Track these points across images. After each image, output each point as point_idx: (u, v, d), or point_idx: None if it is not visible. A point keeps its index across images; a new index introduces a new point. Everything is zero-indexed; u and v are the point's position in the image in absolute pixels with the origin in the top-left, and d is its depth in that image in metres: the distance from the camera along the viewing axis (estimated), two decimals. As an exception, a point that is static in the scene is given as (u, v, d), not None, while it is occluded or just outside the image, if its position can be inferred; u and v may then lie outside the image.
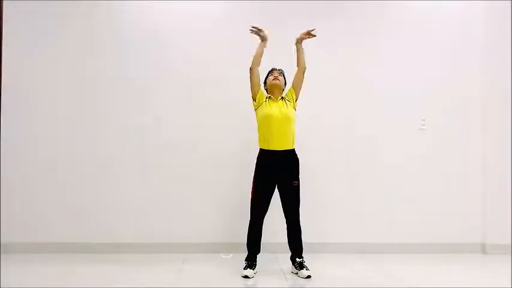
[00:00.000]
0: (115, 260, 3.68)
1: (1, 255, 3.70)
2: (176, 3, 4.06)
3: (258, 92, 3.45)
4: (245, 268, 3.31)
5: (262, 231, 3.41)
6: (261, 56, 3.44)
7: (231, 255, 3.85)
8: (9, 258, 3.65)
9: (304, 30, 3.46)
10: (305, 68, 3.49)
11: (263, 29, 3.43)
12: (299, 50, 3.48)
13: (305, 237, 3.45)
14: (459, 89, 4.19)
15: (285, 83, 3.52)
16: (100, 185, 3.96)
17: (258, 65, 3.43)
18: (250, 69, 3.43)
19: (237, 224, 3.80)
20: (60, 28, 3.97)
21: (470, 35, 4.20)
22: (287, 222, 3.41)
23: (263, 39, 3.44)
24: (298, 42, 3.48)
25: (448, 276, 3.39)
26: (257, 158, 3.41)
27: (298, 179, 3.39)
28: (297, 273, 3.34)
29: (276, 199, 3.42)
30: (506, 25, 4.13)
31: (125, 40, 4.01)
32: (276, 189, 3.42)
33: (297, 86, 3.50)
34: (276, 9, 4.10)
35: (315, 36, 3.46)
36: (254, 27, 3.41)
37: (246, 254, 3.42)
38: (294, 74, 3.50)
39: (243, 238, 3.45)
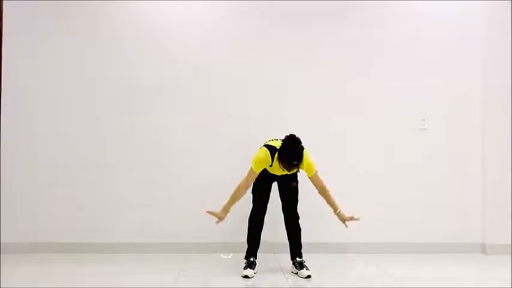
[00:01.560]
0: (115, 260, 3.68)
1: (1, 255, 3.71)
2: (177, 3, 4.05)
3: (257, 174, 3.25)
4: (245, 268, 3.31)
5: (263, 231, 3.42)
6: (235, 198, 3.24)
7: (231, 255, 3.85)
8: (9, 258, 3.65)
9: (349, 217, 3.29)
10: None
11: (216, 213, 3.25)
12: (334, 207, 3.33)
13: (305, 237, 3.45)
14: (459, 89, 4.18)
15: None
16: (100, 185, 3.95)
17: (240, 194, 3.26)
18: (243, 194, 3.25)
19: (237, 224, 3.79)
20: (61, 28, 3.97)
21: (470, 35, 4.20)
22: (286, 222, 3.42)
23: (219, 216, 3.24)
24: (340, 215, 3.31)
25: (448, 276, 3.39)
26: None
27: (296, 180, 3.41)
28: (297, 273, 3.34)
29: (276, 199, 3.42)
30: (506, 25, 4.12)
31: (125, 40, 4.01)
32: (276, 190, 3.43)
33: (312, 182, 3.31)
34: (277, 9, 4.08)
35: (358, 219, 3.28)
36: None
37: (245, 254, 3.42)
38: (318, 184, 3.30)
39: (243, 238, 3.45)
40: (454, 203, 4.14)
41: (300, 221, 3.42)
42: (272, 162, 3.21)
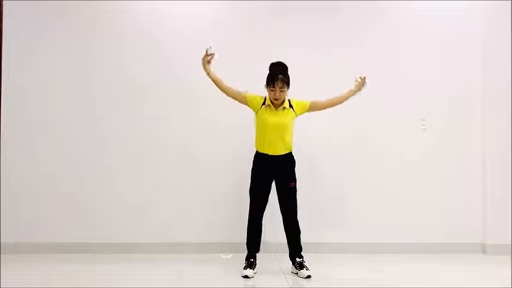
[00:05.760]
0: (115, 260, 3.68)
1: (1, 255, 3.71)
2: (178, 3, 4.05)
3: (246, 100, 3.36)
4: (245, 268, 3.32)
5: (263, 231, 3.43)
6: (216, 78, 3.35)
7: (231, 255, 3.85)
8: (9, 258, 3.65)
9: (359, 80, 3.42)
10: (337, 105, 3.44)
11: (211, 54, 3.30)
12: (349, 93, 3.42)
13: (305, 237, 3.45)
14: (459, 89, 4.19)
15: (288, 86, 3.31)
16: (100, 185, 3.95)
17: (223, 86, 3.37)
18: (222, 91, 3.38)
19: (237, 224, 3.79)
20: (61, 28, 3.97)
21: (470, 35, 4.20)
22: (285, 223, 3.42)
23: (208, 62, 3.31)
24: (355, 90, 3.42)
25: (448, 276, 3.39)
26: (254, 158, 3.43)
27: (294, 180, 3.40)
28: (297, 273, 3.34)
29: (276, 198, 3.43)
30: (506, 25, 4.13)
31: (125, 40, 4.01)
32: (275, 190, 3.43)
33: (313, 109, 3.41)
34: (274, 9, 4.08)
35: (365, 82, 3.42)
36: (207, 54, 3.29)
37: (246, 254, 3.43)
38: (321, 101, 3.42)
39: (243, 238, 3.46)
40: (454, 203, 4.14)
41: (299, 223, 3.42)
42: (264, 101, 3.32)
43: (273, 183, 3.43)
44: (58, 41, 3.97)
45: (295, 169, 3.42)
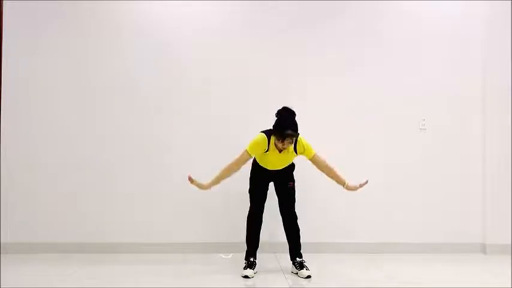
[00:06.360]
0: (115, 260, 3.68)
1: (1, 255, 3.70)
2: (178, 3, 4.05)
3: (250, 156, 3.22)
4: (245, 268, 3.32)
5: (262, 231, 3.43)
6: (220, 176, 3.22)
7: (231, 255, 3.85)
8: (9, 258, 3.65)
9: (357, 185, 3.25)
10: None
11: (196, 182, 3.22)
12: (342, 182, 3.27)
13: (305, 237, 3.45)
14: (459, 89, 4.18)
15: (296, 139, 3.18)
16: (100, 185, 3.96)
17: (229, 169, 3.22)
18: (233, 172, 3.24)
19: (236, 224, 3.79)
20: (60, 28, 3.97)
21: (470, 35, 4.20)
22: (285, 223, 3.43)
23: (202, 187, 3.22)
24: (348, 187, 3.27)
25: (448, 276, 3.39)
26: (252, 163, 3.46)
27: (293, 181, 3.42)
28: (297, 273, 3.34)
29: (275, 198, 3.42)
30: (506, 25, 4.13)
31: (125, 40, 4.01)
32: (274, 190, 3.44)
33: (313, 163, 3.27)
34: (278, 12, 4.09)
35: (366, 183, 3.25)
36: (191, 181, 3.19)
37: (245, 253, 3.42)
38: (322, 163, 3.24)
39: (243, 238, 3.46)
40: (454, 203, 4.14)
41: (298, 221, 3.42)
42: (268, 146, 3.20)
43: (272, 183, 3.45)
44: (57, 40, 3.97)
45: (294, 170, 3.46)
